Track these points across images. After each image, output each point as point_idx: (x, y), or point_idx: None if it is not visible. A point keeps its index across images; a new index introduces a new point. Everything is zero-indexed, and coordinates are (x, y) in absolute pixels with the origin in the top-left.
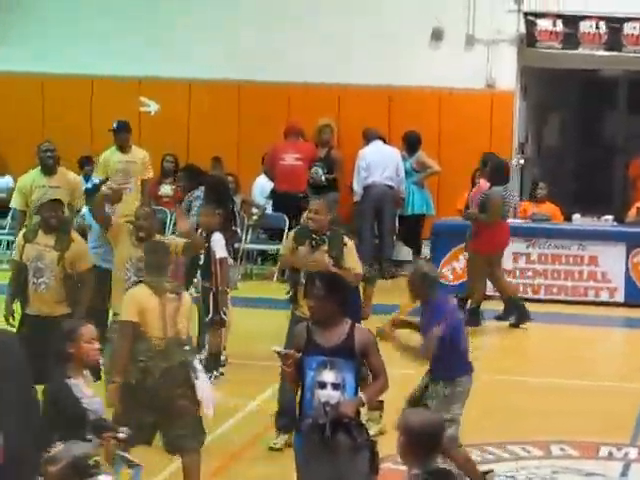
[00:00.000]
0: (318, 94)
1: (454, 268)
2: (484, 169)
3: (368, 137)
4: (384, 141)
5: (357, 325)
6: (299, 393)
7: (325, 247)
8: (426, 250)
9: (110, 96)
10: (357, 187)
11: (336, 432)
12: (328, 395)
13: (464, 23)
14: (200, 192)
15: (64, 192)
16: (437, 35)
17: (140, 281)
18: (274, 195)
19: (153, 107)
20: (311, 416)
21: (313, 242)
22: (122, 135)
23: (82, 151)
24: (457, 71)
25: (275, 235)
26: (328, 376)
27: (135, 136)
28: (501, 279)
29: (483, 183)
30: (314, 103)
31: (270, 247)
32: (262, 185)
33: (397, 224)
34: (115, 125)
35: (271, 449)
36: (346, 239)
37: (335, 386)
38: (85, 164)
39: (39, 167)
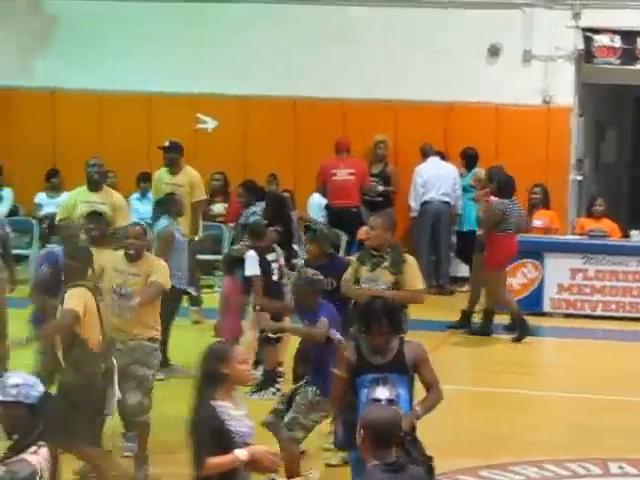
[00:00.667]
0: (374, 110)
1: (511, 284)
2: (490, 184)
3: (425, 153)
4: (442, 157)
5: (406, 340)
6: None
7: (386, 264)
8: None
9: (167, 113)
10: (414, 203)
11: None
12: None
13: (521, 39)
14: (257, 208)
15: (107, 210)
16: (494, 51)
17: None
18: (329, 211)
19: (210, 124)
20: None
21: (374, 260)
22: (169, 155)
23: (140, 168)
24: (514, 87)
25: None
26: (382, 392)
27: (192, 153)
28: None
29: (492, 198)
30: (370, 119)
31: None
32: (318, 201)
33: (454, 240)
34: (167, 143)
35: (328, 466)
36: (406, 255)
37: (389, 402)
38: (143, 181)
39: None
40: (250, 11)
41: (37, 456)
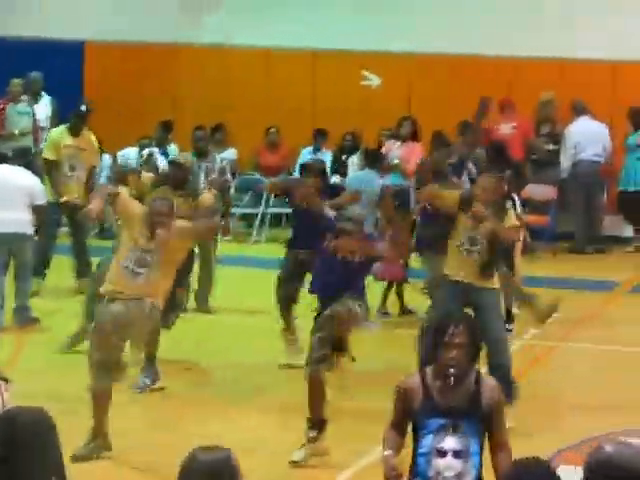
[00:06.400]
0: (541, 68)
1: None
2: None
3: (577, 111)
4: (591, 116)
5: (483, 376)
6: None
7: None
8: None
9: (332, 69)
10: (565, 164)
11: None
12: (447, 465)
13: None
14: None
15: None
16: None
17: None
18: None
19: (375, 81)
20: None
21: None
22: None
23: (303, 123)
24: None
25: None
26: (450, 442)
27: (356, 109)
28: None
29: None
30: (537, 77)
31: None
32: None
33: (618, 200)
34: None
35: None
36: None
37: (457, 454)
38: (320, 136)
39: None
40: None
41: None
